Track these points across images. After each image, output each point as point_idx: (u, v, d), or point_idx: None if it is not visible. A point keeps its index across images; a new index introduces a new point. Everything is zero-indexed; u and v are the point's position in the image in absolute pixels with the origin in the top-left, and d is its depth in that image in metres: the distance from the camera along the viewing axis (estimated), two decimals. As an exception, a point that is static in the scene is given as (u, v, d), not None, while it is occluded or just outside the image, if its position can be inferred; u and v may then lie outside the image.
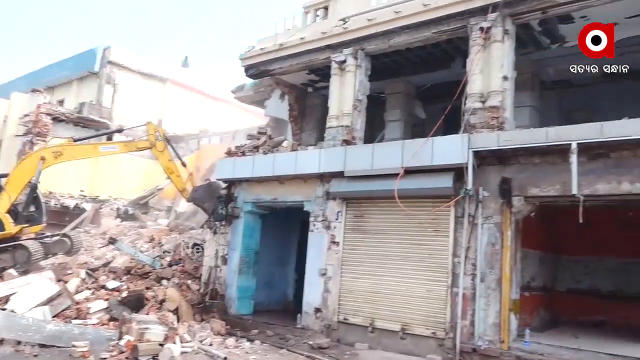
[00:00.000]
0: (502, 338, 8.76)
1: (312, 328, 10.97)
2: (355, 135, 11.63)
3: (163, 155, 14.00)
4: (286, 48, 13.06)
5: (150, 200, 24.10)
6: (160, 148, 13.87)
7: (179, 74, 32.71)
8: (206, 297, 12.70)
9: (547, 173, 8.76)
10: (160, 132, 14.22)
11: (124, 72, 29.37)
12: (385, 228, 10.57)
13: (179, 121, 29.29)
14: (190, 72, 34.48)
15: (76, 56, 31.02)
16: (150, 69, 30.88)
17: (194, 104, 31.27)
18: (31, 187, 13.48)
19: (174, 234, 17.08)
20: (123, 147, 14.47)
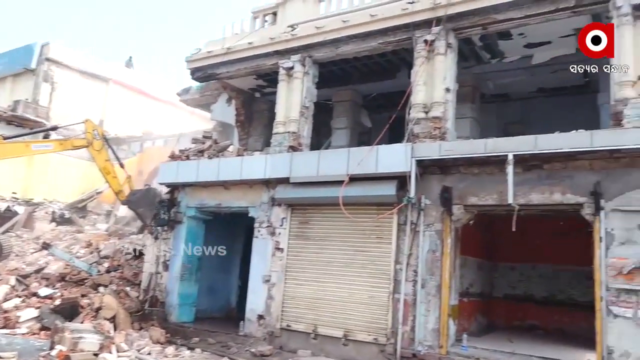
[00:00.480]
0: (441, 343, 8.98)
1: (254, 335, 10.87)
2: (302, 141, 11.65)
3: (100, 154, 13.53)
4: (234, 52, 12.95)
5: (89, 203, 23.20)
6: (97, 147, 13.40)
7: (122, 74, 31.72)
8: (146, 304, 12.34)
9: (485, 183, 9.09)
10: (99, 130, 13.76)
11: (63, 70, 28.16)
12: (329, 234, 10.63)
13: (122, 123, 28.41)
14: (135, 72, 33.54)
15: (12, 51, 29.52)
16: (92, 67, 29.78)
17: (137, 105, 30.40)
18: None
19: (113, 239, 16.52)
20: (58, 146, 13.82)
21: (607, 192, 8.00)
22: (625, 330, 7.56)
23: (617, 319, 7.64)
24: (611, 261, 7.82)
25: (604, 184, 8.04)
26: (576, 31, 10.09)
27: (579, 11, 9.01)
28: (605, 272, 7.83)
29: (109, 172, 13.53)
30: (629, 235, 7.75)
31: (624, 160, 7.94)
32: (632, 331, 7.52)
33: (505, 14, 9.44)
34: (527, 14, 9.24)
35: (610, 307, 7.72)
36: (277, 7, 13.04)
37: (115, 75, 30.87)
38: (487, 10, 9.55)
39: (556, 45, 10.75)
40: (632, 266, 7.63)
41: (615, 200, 7.92)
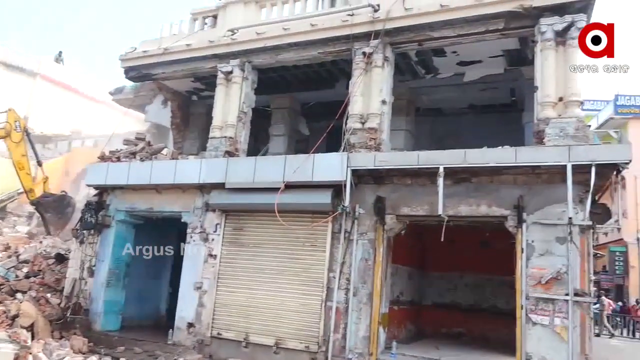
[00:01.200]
0: (371, 351, 9.12)
1: (184, 344, 10.59)
2: (239, 147, 11.54)
3: (17, 148, 12.83)
4: (171, 53, 12.64)
5: (9, 204, 21.84)
6: (15, 139, 12.69)
7: (51, 69, 30.23)
8: (68, 312, 11.74)
9: (417, 194, 9.35)
10: (21, 123, 13.02)
11: (-16, 62, 26.54)
12: (264, 242, 10.57)
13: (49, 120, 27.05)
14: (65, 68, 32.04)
15: None
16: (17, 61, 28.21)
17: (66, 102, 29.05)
18: None
19: (34, 242, 15.59)
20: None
21: (529, 205, 8.45)
22: (543, 336, 7.99)
23: (535, 326, 8.06)
24: (531, 271, 8.26)
25: (526, 198, 8.49)
26: (505, 52, 10.69)
27: (507, 34, 9.51)
28: (525, 281, 8.26)
29: (22, 167, 12.82)
30: (548, 247, 8.22)
31: (545, 176, 8.43)
32: (548, 337, 7.96)
33: (440, 32, 9.80)
34: (460, 33, 9.64)
35: (529, 315, 8.14)
36: (218, 10, 12.89)
37: (43, 70, 29.37)
38: (423, 27, 9.89)
39: (486, 65, 11.28)
40: (549, 276, 8.10)
41: (536, 213, 8.39)
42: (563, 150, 8.08)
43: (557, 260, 8.09)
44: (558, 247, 8.13)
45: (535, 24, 8.96)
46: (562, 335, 7.88)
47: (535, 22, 8.96)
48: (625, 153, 7.96)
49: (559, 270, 8.04)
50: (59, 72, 30.82)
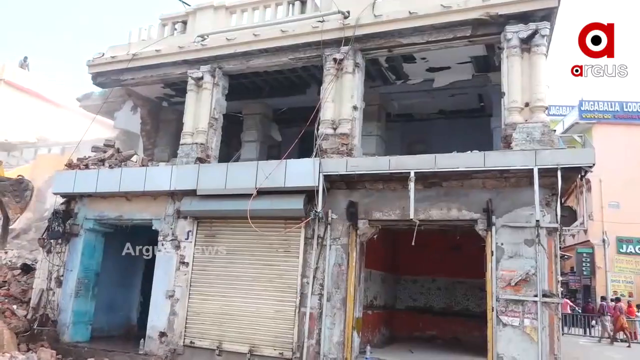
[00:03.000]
0: (346, 356, 9.13)
1: (155, 353, 10.43)
2: (210, 153, 11.45)
3: None
4: (140, 59, 12.47)
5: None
6: None
7: (15, 75, 29.43)
8: (35, 323, 11.43)
9: (389, 198, 9.44)
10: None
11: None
12: (236, 248, 10.49)
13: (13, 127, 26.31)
14: (30, 74, 31.23)
15: None
16: (-21, 66, 27.44)
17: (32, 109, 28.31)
18: None
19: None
20: None
21: (497, 209, 8.62)
22: (513, 337, 8.14)
23: (505, 328, 8.21)
24: (501, 273, 8.41)
25: (495, 201, 8.65)
26: (472, 59, 10.90)
27: (474, 40, 9.71)
28: (495, 283, 8.40)
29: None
30: (517, 249, 8.38)
31: (513, 180, 8.61)
32: (519, 338, 8.11)
33: (409, 39, 9.93)
34: (429, 39, 9.79)
35: (500, 316, 8.28)
36: (188, 16, 12.79)
37: (6, 76, 28.59)
38: (392, 33, 10.01)
39: (455, 71, 11.49)
40: (519, 278, 8.27)
41: (505, 216, 8.56)
42: (530, 154, 8.27)
43: (526, 262, 8.27)
44: (526, 249, 8.31)
45: (501, 31, 9.17)
46: (531, 335, 8.04)
47: (501, 29, 9.17)
48: (589, 157, 8.19)
49: (528, 272, 8.22)
50: (24, 78, 30.02)
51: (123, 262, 13.32)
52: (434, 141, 12.89)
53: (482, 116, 13.01)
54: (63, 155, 20.33)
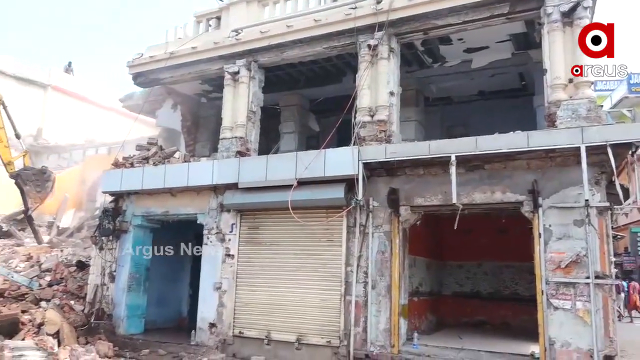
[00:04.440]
0: (393, 342, 9.12)
1: (206, 344, 10.70)
2: (250, 146, 11.58)
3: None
4: (177, 57, 12.71)
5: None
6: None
7: (61, 80, 30.53)
8: (91, 317, 11.94)
9: (430, 184, 9.32)
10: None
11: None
12: (279, 239, 10.62)
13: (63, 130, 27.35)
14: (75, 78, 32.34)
15: (-62, 57, 27.91)
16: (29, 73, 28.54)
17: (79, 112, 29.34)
18: None
19: (55, 251, 15.83)
20: None
21: (544, 190, 8.37)
22: (565, 321, 7.92)
23: (557, 311, 7.99)
24: (550, 256, 8.18)
25: (541, 182, 8.40)
26: (511, 36, 10.57)
27: (512, 17, 9.41)
28: (544, 266, 8.19)
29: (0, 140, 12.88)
30: (566, 231, 8.13)
31: (559, 159, 8.34)
32: (571, 322, 7.89)
33: (445, 20, 9.73)
34: (465, 19, 9.56)
35: (550, 299, 8.06)
36: (221, 12, 12.92)
37: (54, 81, 29.69)
38: (427, 16, 9.82)
39: (493, 50, 11.18)
40: (569, 260, 8.02)
41: (552, 197, 8.30)
42: (576, 132, 7.98)
43: (576, 244, 8.01)
44: (576, 230, 8.04)
45: (541, 6, 8.84)
46: (584, 318, 7.80)
47: (541, 3, 8.84)
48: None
49: (578, 254, 7.96)
50: (70, 82, 31.12)
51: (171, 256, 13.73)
52: (475, 123, 12.62)
53: (523, 95, 12.62)
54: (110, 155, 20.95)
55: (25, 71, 28.46)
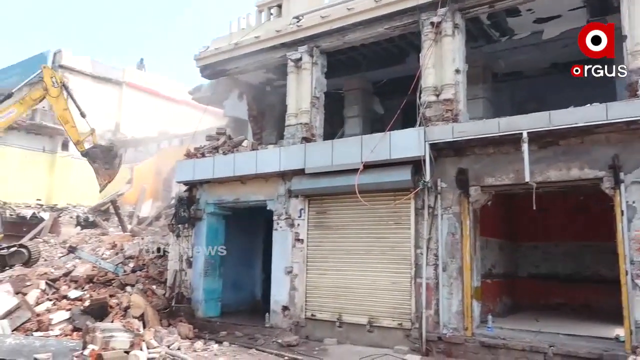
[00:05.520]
0: (466, 325, 8.98)
1: (280, 326, 11.00)
2: (315, 132, 11.67)
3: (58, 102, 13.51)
4: (241, 47, 12.97)
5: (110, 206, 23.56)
6: (54, 94, 13.38)
7: (135, 76, 32.05)
8: (172, 301, 12.56)
9: (500, 162, 9.02)
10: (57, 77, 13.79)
11: (76, 77, 28.57)
12: (348, 223, 10.68)
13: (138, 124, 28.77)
14: (147, 74, 33.82)
15: (26, 61, 29.96)
16: (105, 72, 30.16)
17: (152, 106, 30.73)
18: None
19: (136, 239, 16.79)
20: (19, 106, 13.83)
21: (626, 164, 7.88)
22: (652, 302, 7.48)
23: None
24: (634, 234, 7.72)
25: (622, 156, 7.91)
26: (585, 3, 9.94)
27: (587, -19, 8.84)
28: (628, 245, 7.74)
29: (67, 121, 13.56)
30: (651, 207, 7.63)
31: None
32: (658, 303, 7.43)
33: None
34: (535, -12, 9.09)
35: (635, 280, 7.63)
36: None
37: (128, 78, 31.22)
38: (493, -13, 9.42)
39: (566, 19, 10.55)
40: (655, 238, 7.53)
41: (634, 172, 7.81)
42: (660, 101, 7.44)
43: (663, 220, 7.51)
44: (663, 206, 7.53)
45: (620, -33, 8.26)
46: (674, 299, 7.33)
47: (620, -37, 8.25)
48: None
49: (666, 231, 7.46)
50: (143, 78, 32.60)
51: (244, 242, 14.24)
52: (548, 98, 11.99)
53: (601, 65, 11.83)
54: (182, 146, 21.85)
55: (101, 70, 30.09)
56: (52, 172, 25.75)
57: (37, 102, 14.14)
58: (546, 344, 8.24)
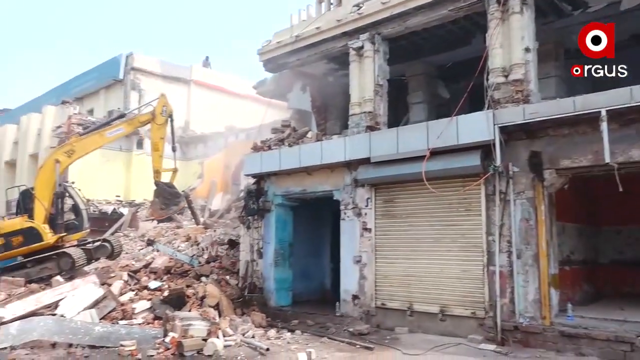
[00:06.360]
0: (544, 314, 8.65)
1: (351, 315, 11.07)
2: (379, 120, 11.57)
3: (159, 130, 14.42)
4: (303, 39, 13.04)
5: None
6: (159, 122, 14.30)
7: (201, 74, 33.03)
8: (245, 291, 12.94)
9: (577, 143, 8.56)
10: (169, 108, 14.56)
11: (147, 78, 29.89)
12: (416, 211, 10.54)
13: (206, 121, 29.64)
14: (212, 71, 34.77)
15: (101, 65, 31.69)
16: (173, 71, 31.29)
17: (218, 102, 31.55)
18: (57, 193, 13.99)
19: (209, 231, 17.38)
20: (127, 126, 15.15)
21: None
22: None
23: None
24: None
25: None
26: (670, -34, 9.17)
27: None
28: None
29: (157, 149, 14.40)
30: None
31: None
32: None
33: (586, -41, 8.74)
34: (611, -46, 8.50)
35: None
36: (342, -12, 12.94)
37: (195, 77, 32.22)
38: (564, -42, 8.91)
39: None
40: None
41: None
42: None
43: None
44: None
45: None
46: None
47: None
48: None
49: None
50: (208, 75, 33.55)
51: (312, 232, 14.43)
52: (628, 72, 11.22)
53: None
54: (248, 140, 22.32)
55: (170, 70, 31.23)
56: (129, 169, 27.10)
57: (142, 125, 15.43)
58: (633, 334, 7.80)
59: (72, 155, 14.23)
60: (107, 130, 15.19)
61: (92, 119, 26.26)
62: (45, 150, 26.05)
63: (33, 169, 26.72)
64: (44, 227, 13.78)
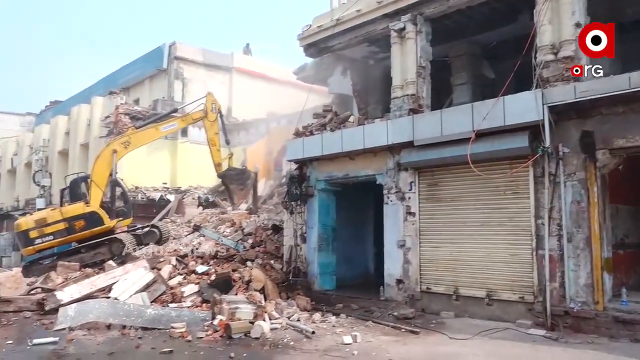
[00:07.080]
0: (596, 299, 8.40)
1: (395, 299, 11.05)
2: (422, 103, 11.38)
3: (212, 126, 15.15)
4: (343, 22, 12.91)
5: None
6: (211, 119, 15.09)
7: (242, 61, 33.30)
8: (289, 275, 13.10)
9: (633, 122, 8.19)
10: (217, 105, 15.15)
11: (190, 67, 30.40)
12: (461, 195, 10.37)
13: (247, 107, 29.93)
14: (253, 58, 34.98)
15: (145, 55, 32.39)
16: (215, 60, 31.67)
17: (259, 89, 31.75)
18: (112, 181, 14.63)
19: (253, 217, 17.64)
20: (181, 122, 16.04)
21: None
22: None
23: None
24: None
25: None
26: None
27: None
28: None
29: (214, 144, 15.08)
30: None
31: None
32: None
33: None
34: None
35: None
36: (382, -31, 12.69)
37: (236, 64, 32.52)
38: None
39: None
40: None
41: None
42: None
43: None
44: None
45: None
46: None
47: None
48: None
49: None
50: (249, 62, 33.79)
51: (354, 216, 14.43)
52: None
53: None
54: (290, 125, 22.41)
55: (212, 58, 31.62)
56: (175, 157, 27.75)
57: (195, 122, 16.45)
58: (693, 320, 7.46)
59: (128, 147, 14.95)
60: (161, 125, 16.09)
61: (138, 108, 26.99)
62: (95, 140, 26.99)
63: (84, 158, 27.77)
64: (103, 211, 14.47)
